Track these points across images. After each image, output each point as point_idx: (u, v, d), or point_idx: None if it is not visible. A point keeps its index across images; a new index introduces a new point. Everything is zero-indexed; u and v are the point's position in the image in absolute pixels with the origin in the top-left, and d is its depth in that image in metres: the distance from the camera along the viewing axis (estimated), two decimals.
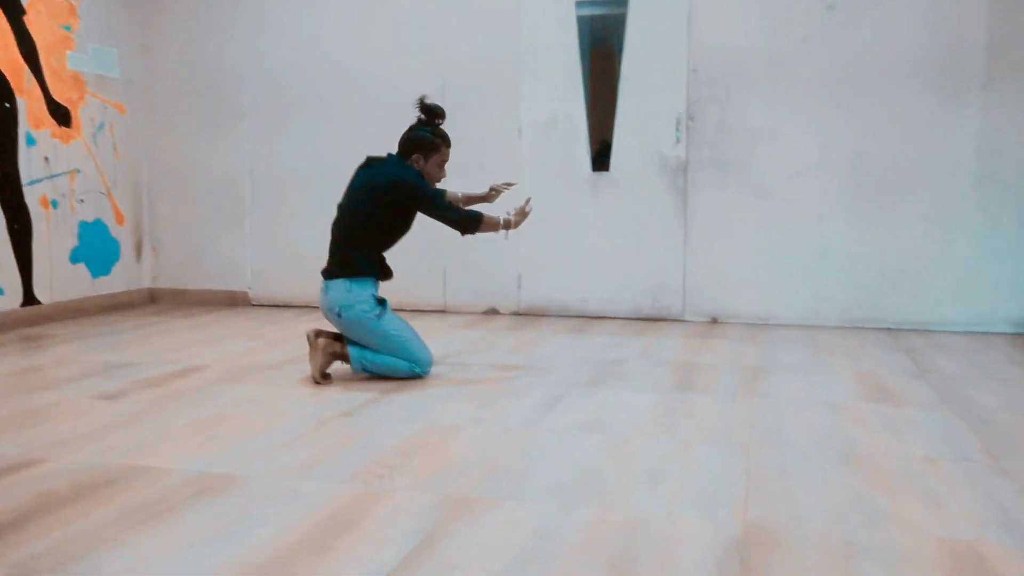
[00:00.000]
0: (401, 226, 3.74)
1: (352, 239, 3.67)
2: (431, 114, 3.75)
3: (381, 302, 3.67)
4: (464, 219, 3.69)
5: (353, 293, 3.60)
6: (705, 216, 5.24)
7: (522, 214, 3.79)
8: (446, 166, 3.80)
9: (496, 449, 2.73)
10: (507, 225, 3.74)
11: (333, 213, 3.78)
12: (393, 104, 5.68)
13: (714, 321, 5.28)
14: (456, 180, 5.55)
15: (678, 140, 5.22)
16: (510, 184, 4.10)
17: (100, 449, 2.74)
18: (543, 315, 5.54)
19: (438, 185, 3.85)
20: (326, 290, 3.67)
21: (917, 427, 2.98)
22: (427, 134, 3.71)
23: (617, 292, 5.41)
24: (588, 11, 5.36)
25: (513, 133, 5.50)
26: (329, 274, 3.68)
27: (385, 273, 3.77)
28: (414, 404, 3.30)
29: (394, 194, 3.62)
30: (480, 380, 3.71)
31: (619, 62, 5.32)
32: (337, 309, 3.61)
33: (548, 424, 3.02)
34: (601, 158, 5.39)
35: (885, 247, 5.00)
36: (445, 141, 3.75)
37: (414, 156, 3.70)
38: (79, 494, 2.33)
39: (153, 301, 6.24)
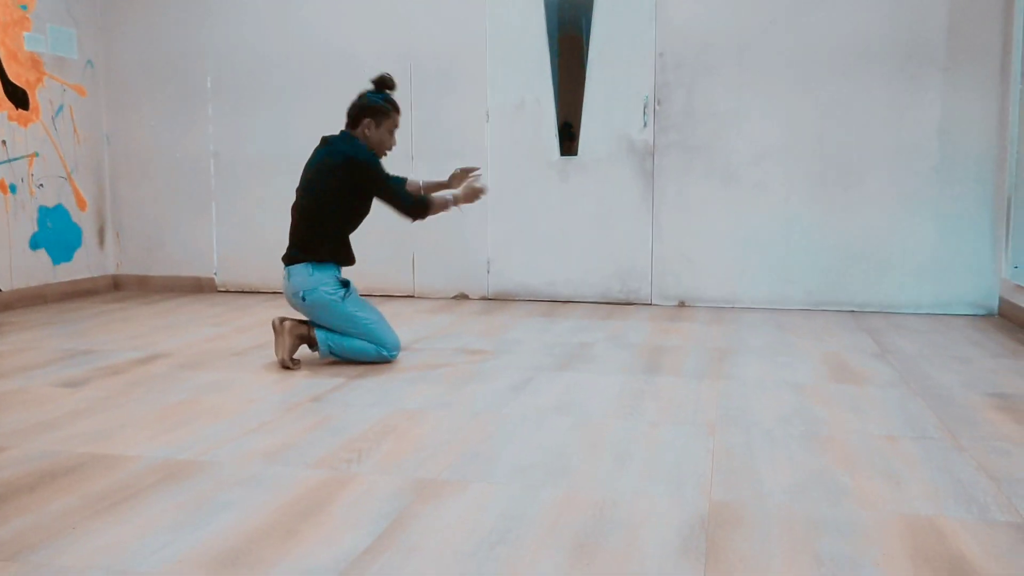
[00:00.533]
0: (359, 207, 3.70)
1: (311, 223, 3.63)
2: (382, 83, 3.74)
3: (345, 284, 3.65)
4: (413, 205, 3.67)
5: (315, 276, 3.57)
6: (672, 200, 5.26)
7: (470, 190, 3.77)
8: (396, 134, 3.80)
9: (464, 432, 2.73)
10: (456, 201, 3.74)
11: None
12: (359, 88, 5.63)
13: (682, 304, 5.31)
14: (424, 164, 5.53)
15: (645, 124, 5.23)
16: (473, 169, 4.06)
17: (62, 437, 2.70)
18: (512, 300, 5.54)
19: (392, 156, 3.88)
20: (288, 276, 3.63)
21: (878, 406, 3.02)
22: (377, 99, 3.69)
23: (586, 276, 5.43)
24: None
25: (481, 117, 5.48)
26: (290, 259, 3.65)
27: (347, 258, 3.74)
28: (382, 389, 3.29)
29: (348, 172, 3.58)
30: (448, 364, 3.71)
31: (587, 46, 5.31)
32: (301, 293, 3.58)
33: (516, 407, 3.02)
34: (568, 142, 5.39)
35: (848, 230, 5.06)
36: (395, 107, 3.73)
37: (364, 121, 3.67)
38: (39, 482, 2.30)
39: (117, 288, 6.15)
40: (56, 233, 5.60)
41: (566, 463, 2.43)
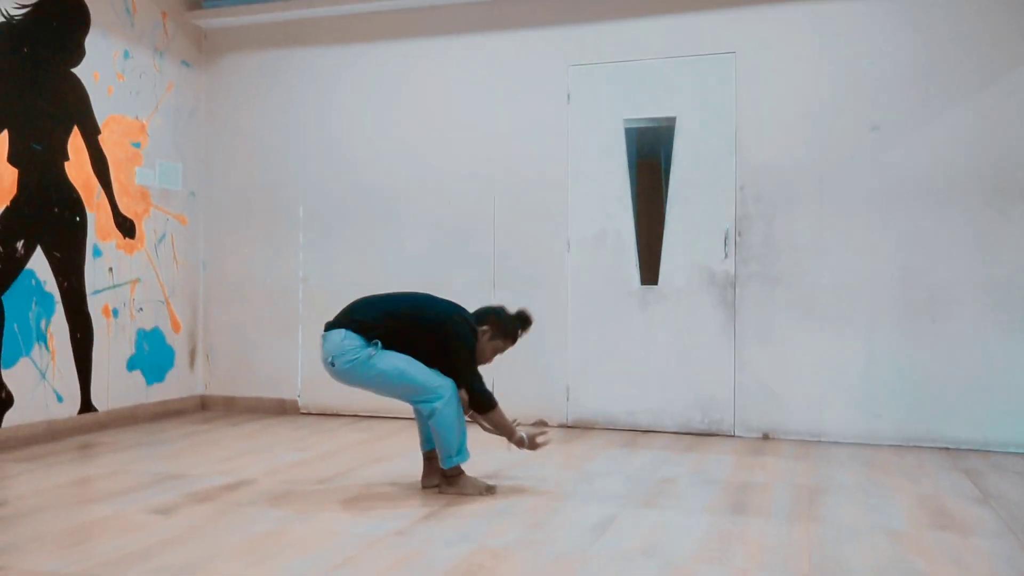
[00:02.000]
0: (423, 350, 3.66)
1: (379, 320, 3.61)
2: (522, 319, 3.87)
3: (372, 343, 3.56)
4: (484, 391, 3.67)
5: (348, 340, 3.54)
6: (754, 330, 5.22)
7: (535, 441, 3.79)
8: (496, 358, 3.91)
9: (549, 575, 2.68)
10: (519, 443, 3.75)
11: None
12: (443, 217, 5.83)
13: (766, 437, 5.19)
14: (504, 292, 5.64)
15: (726, 255, 5.26)
16: (546, 427, 4.06)
17: (154, 568, 2.74)
18: (591, 427, 5.50)
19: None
20: (324, 341, 3.61)
21: (984, 559, 2.87)
22: (511, 322, 3.82)
23: (666, 406, 5.37)
24: (636, 124, 5.50)
25: (562, 246, 5.59)
26: (330, 325, 3.64)
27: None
28: (465, 524, 3.26)
29: (444, 322, 3.65)
30: (531, 497, 3.67)
31: (666, 176, 5.42)
32: (330, 358, 3.56)
33: (600, 549, 2.96)
34: (649, 271, 5.44)
35: (938, 363, 4.92)
36: (515, 339, 3.87)
37: (486, 327, 3.77)
38: None
39: (204, 408, 6.32)
40: (151, 355, 5.83)
41: None
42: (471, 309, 3.84)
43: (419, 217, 5.86)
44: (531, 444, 3.79)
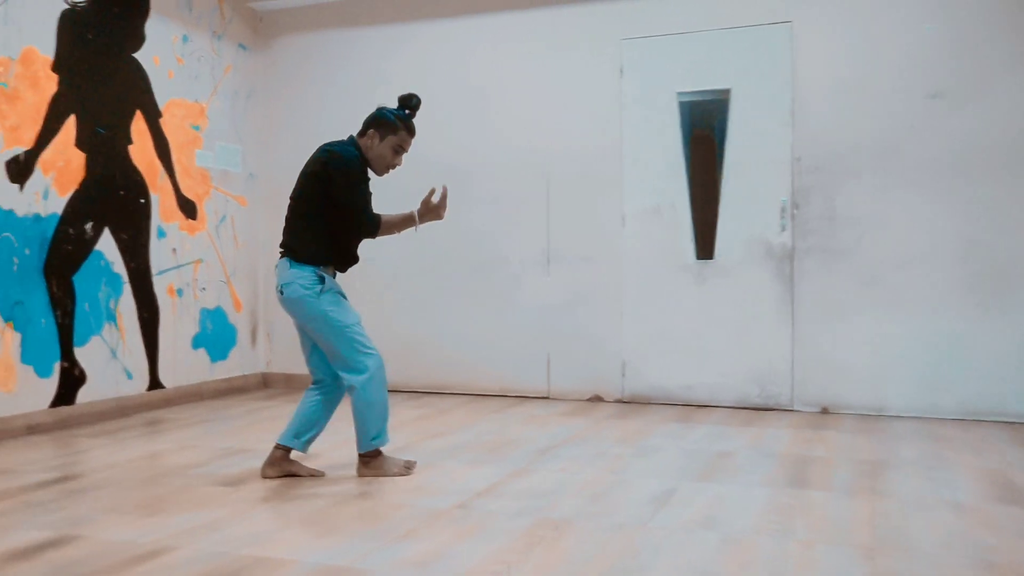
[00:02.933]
0: (339, 213, 3.52)
1: (294, 225, 3.56)
2: (403, 101, 3.62)
3: (323, 280, 3.49)
4: (368, 221, 3.53)
5: (293, 272, 3.48)
6: (813, 304, 5.16)
7: (426, 205, 3.59)
8: (402, 156, 3.66)
9: (611, 547, 2.71)
10: (421, 217, 3.60)
11: (438, 306, 3.87)
12: (497, 192, 5.85)
13: (825, 411, 5.14)
14: (559, 267, 5.65)
15: (783, 227, 5.19)
16: (433, 190, 3.71)
17: (224, 539, 2.83)
18: (647, 402, 5.50)
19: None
20: (276, 271, 3.58)
21: None
22: (388, 114, 3.59)
23: (723, 380, 5.34)
24: (690, 97, 5.44)
25: (617, 221, 5.57)
26: (280, 255, 3.59)
27: (333, 261, 3.58)
28: (525, 496, 3.31)
29: (326, 176, 3.48)
30: (589, 470, 3.70)
31: (721, 148, 5.36)
32: (279, 286, 3.52)
33: (661, 520, 2.98)
34: (705, 245, 5.39)
35: (1003, 336, 4.81)
36: (406, 126, 3.60)
37: (369, 132, 3.58)
38: None
39: (265, 385, 6.46)
40: (215, 334, 5.98)
41: None
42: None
43: (473, 193, 5.89)
44: (430, 212, 3.61)
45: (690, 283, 5.42)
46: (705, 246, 5.41)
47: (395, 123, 3.59)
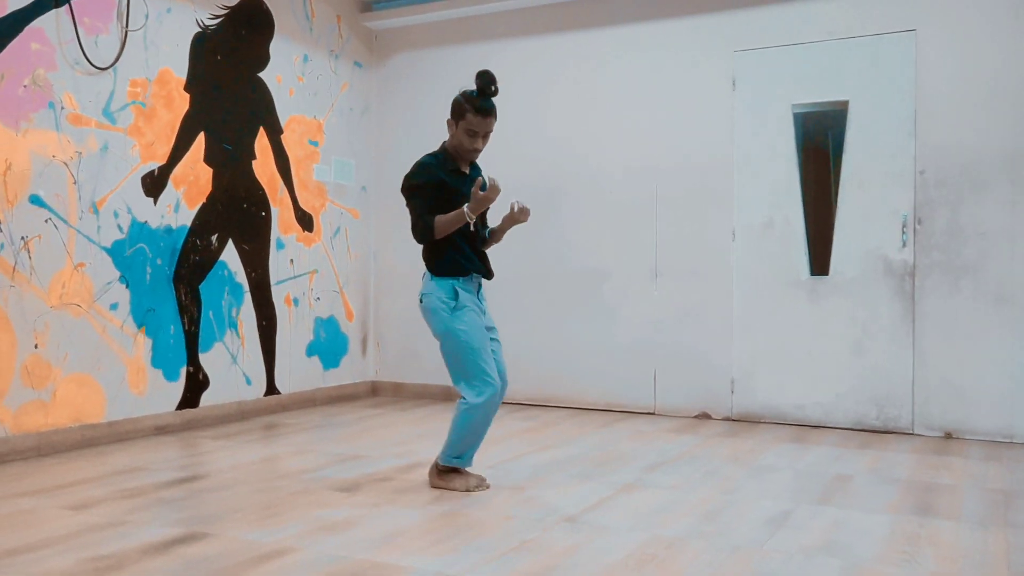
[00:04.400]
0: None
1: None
2: (479, 81, 3.45)
3: (457, 295, 3.50)
4: (422, 227, 3.48)
5: (432, 284, 3.55)
6: (936, 323, 4.95)
7: (474, 196, 3.40)
8: (481, 140, 3.49)
9: (726, 569, 2.66)
10: (473, 210, 3.43)
11: (545, 318, 3.88)
12: (605, 206, 5.84)
13: (948, 436, 4.91)
14: (667, 282, 5.60)
15: (904, 243, 5.01)
16: (482, 181, 3.46)
17: (342, 542, 2.91)
18: (758, 422, 5.38)
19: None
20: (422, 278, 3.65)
21: None
22: (459, 98, 3.49)
23: (838, 401, 5.18)
24: (805, 109, 5.32)
25: (727, 236, 5.48)
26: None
27: (461, 269, 3.54)
28: (636, 512, 3.28)
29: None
30: (701, 489, 3.64)
31: (837, 161, 5.21)
32: (420, 295, 3.59)
33: (777, 543, 2.91)
34: (819, 261, 5.25)
35: None
36: (475, 108, 3.42)
37: (448, 122, 3.54)
38: None
39: (374, 393, 6.61)
40: (328, 342, 6.16)
41: None
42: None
43: (581, 207, 5.90)
44: (473, 204, 3.41)
45: (803, 299, 5.28)
46: (820, 262, 5.26)
47: (463, 105, 3.47)
